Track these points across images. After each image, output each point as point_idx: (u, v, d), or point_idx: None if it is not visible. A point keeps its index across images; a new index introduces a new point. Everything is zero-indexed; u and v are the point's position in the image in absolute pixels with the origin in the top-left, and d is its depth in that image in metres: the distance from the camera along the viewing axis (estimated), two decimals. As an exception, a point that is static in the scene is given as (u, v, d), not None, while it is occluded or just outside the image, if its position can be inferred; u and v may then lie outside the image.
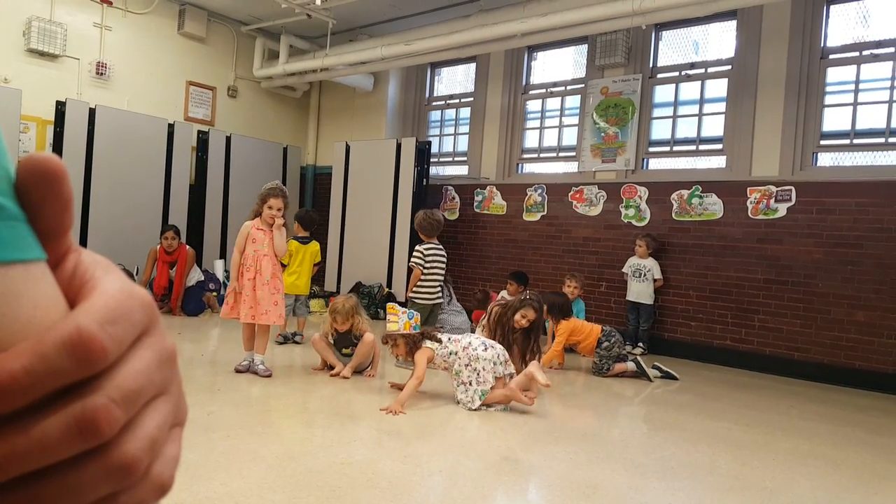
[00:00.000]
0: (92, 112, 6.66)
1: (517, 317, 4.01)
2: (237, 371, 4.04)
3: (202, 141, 7.68)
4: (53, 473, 0.22)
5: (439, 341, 3.68)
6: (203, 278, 6.64)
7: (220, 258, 7.46)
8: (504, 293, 5.92)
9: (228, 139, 7.86)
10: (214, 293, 6.78)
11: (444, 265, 4.98)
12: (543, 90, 7.21)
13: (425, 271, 4.84)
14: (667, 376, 4.86)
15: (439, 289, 4.99)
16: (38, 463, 0.21)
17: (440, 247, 4.97)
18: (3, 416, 0.21)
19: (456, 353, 3.62)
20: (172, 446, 0.27)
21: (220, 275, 7.14)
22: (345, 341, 4.25)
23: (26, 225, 0.23)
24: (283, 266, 5.29)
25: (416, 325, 3.65)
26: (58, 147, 6.41)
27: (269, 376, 3.97)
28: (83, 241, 6.52)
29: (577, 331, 4.85)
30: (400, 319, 3.63)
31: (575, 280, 5.78)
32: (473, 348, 3.62)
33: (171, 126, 7.31)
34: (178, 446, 0.27)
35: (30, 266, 0.23)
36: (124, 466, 0.23)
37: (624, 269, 6.01)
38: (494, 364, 3.56)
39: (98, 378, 0.23)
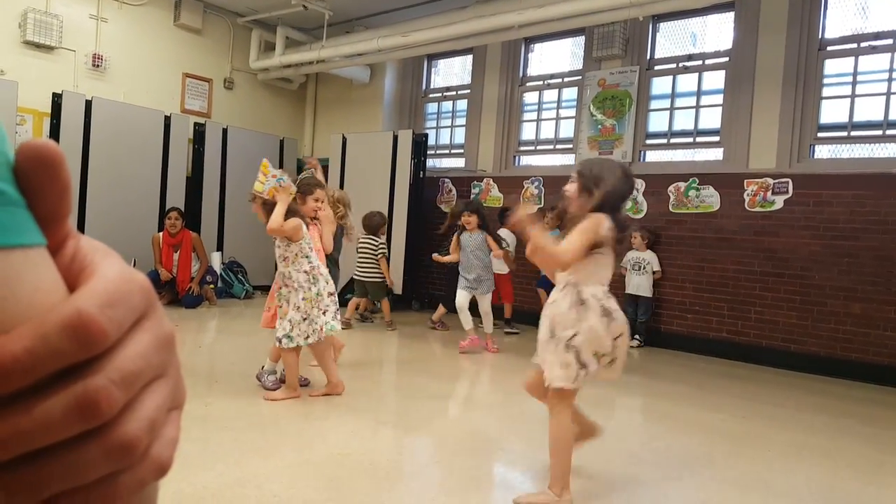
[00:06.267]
0: (88, 104, 6.63)
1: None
2: (306, 389, 3.61)
3: (199, 133, 7.66)
4: (55, 453, 0.22)
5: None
6: (215, 267, 6.72)
7: (218, 250, 7.45)
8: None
9: (225, 131, 7.84)
10: (212, 286, 6.80)
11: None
12: (540, 82, 7.20)
13: None
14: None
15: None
16: (41, 442, 0.22)
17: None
18: (5, 397, 0.22)
19: (318, 268, 3.35)
20: (171, 428, 0.27)
21: (217, 267, 7.15)
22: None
23: (26, 210, 0.24)
24: None
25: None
26: (54, 139, 6.34)
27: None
28: (81, 230, 6.50)
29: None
30: (267, 182, 3.20)
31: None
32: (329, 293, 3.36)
33: (167, 118, 7.28)
34: (177, 428, 0.28)
35: (30, 251, 0.23)
36: (124, 446, 0.24)
37: (623, 263, 6.03)
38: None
39: (98, 360, 0.23)
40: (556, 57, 7.27)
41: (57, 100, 6.43)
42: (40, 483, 0.22)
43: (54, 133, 6.42)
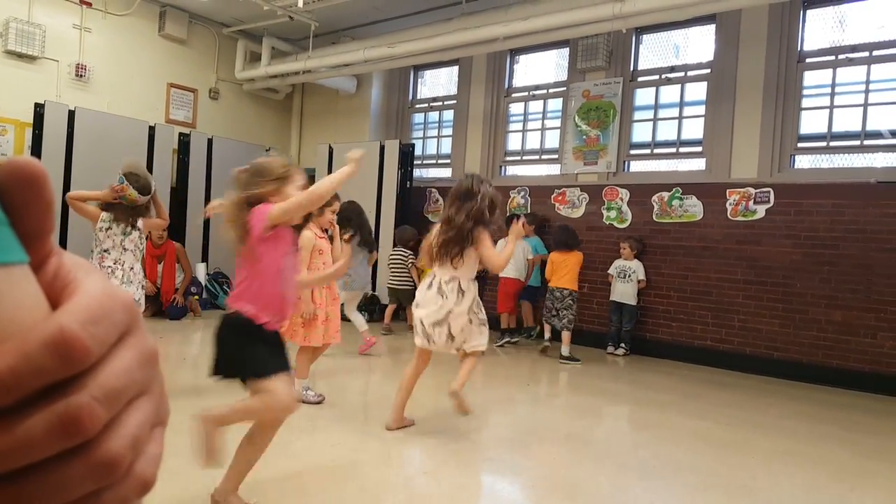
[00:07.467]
0: (71, 114, 6.57)
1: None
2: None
3: (183, 143, 7.61)
4: (38, 470, 0.22)
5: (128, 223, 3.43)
6: (200, 278, 6.64)
7: (203, 261, 7.39)
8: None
9: (210, 141, 7.80)
10: (196, 297, 6.73)
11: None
12: (526, 93, 7.25)
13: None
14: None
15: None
16: (23, 460, 0.22)
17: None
18: None
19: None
20: (154, 445, 0.27)
21: (202, 278, 7.08)
22: None
23: (9, 228, 0.24)
24: None
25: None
26: (37, 149, 6.32)
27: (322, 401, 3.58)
28: (63, 244, 6.37)
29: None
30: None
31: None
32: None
33: (151, 128, 7.23)
34: (161, 445, 0.28)
35: (12, 268, 0.23)
36: (107, 463, 0.24)
37: (610, 271, 6.07)
38: None
39: (81, 377, 0.23)
40: (542, 68, 7.33)
41: (39, 110, 6.37)
42: (23, 501, 0.22)
43: (36, 143, 6.35)
